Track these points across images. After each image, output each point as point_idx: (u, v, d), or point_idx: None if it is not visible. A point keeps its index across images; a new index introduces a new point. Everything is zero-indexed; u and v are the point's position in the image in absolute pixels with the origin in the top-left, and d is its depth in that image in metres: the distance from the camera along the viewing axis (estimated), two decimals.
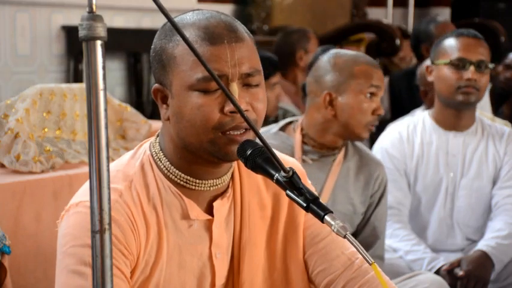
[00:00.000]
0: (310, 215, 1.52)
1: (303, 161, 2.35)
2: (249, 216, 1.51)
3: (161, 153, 1.46)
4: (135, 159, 1.48)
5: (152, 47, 1.45)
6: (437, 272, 2.66)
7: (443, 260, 2.73)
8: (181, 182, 1.45)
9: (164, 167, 1.45)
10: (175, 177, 1.45)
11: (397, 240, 2.77)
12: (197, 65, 1.35)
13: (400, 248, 2.77)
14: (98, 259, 1.04)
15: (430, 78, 2.86)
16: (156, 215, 1.43)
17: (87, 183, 1.44)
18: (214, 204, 1.48)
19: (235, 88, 1.37)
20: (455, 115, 2.83)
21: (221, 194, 1.50)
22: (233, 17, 1.44)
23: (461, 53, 2.74)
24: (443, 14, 7.12)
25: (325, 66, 2.36)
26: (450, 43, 2.78)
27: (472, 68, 2.72)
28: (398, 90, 4.58)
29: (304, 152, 2.37)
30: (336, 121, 2.34)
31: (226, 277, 1.51)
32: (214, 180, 1.47)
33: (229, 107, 1.36)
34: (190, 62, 1.36)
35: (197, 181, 1.45)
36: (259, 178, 1.54)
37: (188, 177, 1.45)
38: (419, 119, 2.93)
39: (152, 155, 1.47)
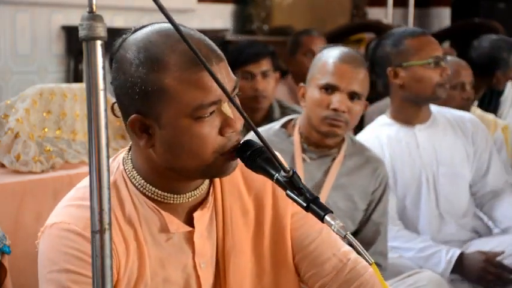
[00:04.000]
0: (297, 217, 1.53)
1: (303, 159, 2.36)
2: (231, 223, 1.49)
3: (134, 171, 1.43)
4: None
5: (121, 77, 1.35)
6: (458, 261, 2.71)
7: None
8: (158, 198, 1.43)
9: (139, 184, 1.43)
10: (152, 193, 1.43)
11: (404, 240, 2.78)
12: (192, 93, 1.31)
13: (412, 247, 2.78)
14: (98, 259, 1.04)
15: (397, 81, 2.84)
16: (134, 231, 1.41)
17: (62, 202, 1.44)
18: (195, 215, 1.46)
19: (227, 108, 1.35)
20: (415, 110, 2.88)
21: (201, 203, 1.48)
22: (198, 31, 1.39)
23: (434, 51, 2.80)
24: (444, 14, 7.12)
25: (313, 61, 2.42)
26: (417, 42, 2.83)
27: (442, 63, 2.79)
28: None
29: (303, 151, 2.38)
30: (307, 116, 2.37)
31: (212, 286, 1.49)
32: (192, 192, 1.45)
33: (227, 129, 1.35)
34: (185, 92, 1.31)
35: (174, 196, 1.43)
36: (240, 183, 1.52)
37: (165, 194, 1.43)
38: (381, 122, 2.95)
39: (125, 171, 1.44)
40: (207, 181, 1.48)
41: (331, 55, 2.35)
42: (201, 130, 1.33)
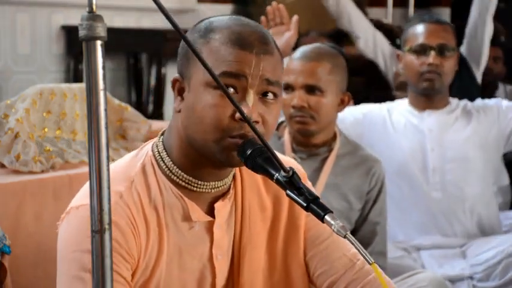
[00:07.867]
0: (311, 217, 1.53)
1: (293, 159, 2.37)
2: (249, 218, 1.51)
3: (164, 153, 1.46)
4: (137, 159, 1.48)
5: (182, 40, 1.45)
6: None
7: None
8: (183, 183, 1.45)
9: (166, 167, 1.45)
10: (177, 177, 1.45)
11: None
12: (218, 63, 1.37)
13: None
14: (98, 259, 1.04)
15: (400, 66, 2.94)
16: (157, 216, 1.43)
17: (88, 184, 1.44)
18: (216, 205, 1.48)
19: (251, 96, 1.38)
20: (426, 100, 2.89)
21: (222, 195, 1.50)
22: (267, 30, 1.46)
23: (422, 38, 2.81)
24: (444, 14, 7.11)
25: None
26: (413, 30, 2.87)
27: (432, 52, 2.77)
28: None
29: (293, 151, 2.38)
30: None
31: (226, 278, 1.51)
32: (216, 182, 1.47)
33: (239, 114, 1.35)
34: (213, 60, 1.37)
35: (199, 182, 1.45)
36: (259, 179, 1.54)
37: (190, 178, 1.45)
38: (400, 102, 2.99)
39: (154, 156, 1.47)
40: (230, 176, 1.50)
41: (293, 55, 2.38)
42: (215, 101, 1.36)
